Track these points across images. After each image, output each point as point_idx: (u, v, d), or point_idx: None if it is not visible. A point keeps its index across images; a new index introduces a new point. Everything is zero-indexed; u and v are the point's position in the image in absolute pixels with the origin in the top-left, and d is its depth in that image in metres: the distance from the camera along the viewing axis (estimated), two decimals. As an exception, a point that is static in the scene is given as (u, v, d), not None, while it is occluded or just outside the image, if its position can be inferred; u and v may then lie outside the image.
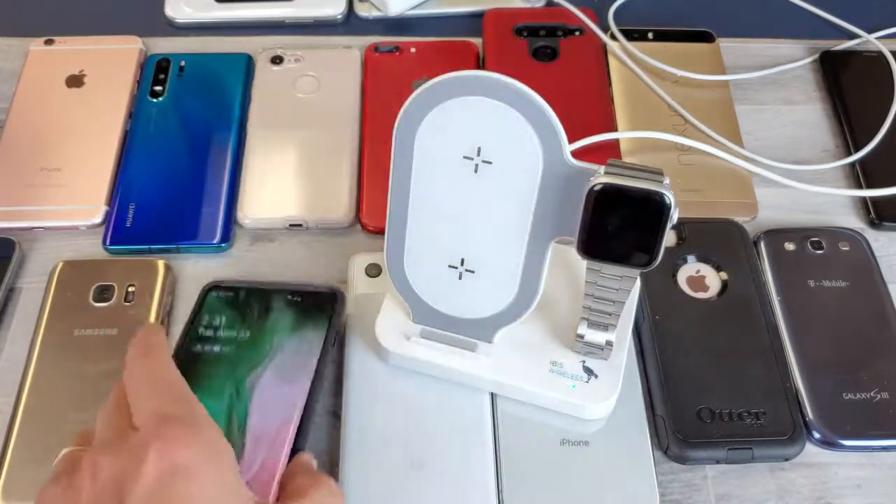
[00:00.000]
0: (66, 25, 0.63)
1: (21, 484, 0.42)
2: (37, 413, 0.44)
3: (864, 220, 0.55)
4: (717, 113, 0.59)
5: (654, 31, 0.64)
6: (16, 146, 0.56)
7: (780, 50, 0.64)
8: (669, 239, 0.51)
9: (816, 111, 0.61)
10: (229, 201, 0.54)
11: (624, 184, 0.36)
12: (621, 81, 0.61)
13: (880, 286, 0.50)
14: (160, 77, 0.60)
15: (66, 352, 0.46)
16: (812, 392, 0.46)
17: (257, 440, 0.43)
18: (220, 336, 0.46)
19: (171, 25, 0.65)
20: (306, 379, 0.44)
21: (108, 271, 0.49)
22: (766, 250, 0.52)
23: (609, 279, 0.40)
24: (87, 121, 0.57)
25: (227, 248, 0.52)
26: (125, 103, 0.58)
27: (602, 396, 0.43)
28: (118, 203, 0.53)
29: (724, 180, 0.56)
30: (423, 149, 0.38)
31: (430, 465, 0.42)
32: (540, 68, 0.61)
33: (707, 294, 0.50)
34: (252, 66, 0.61)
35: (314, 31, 0.65)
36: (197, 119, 0.58)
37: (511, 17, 0.64)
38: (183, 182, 0.54)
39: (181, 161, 0.55)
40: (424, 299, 0.44)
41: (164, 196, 0.54)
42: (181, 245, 0.52)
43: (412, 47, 0.62)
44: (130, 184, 0.54)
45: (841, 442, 0.45)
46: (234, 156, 0.56)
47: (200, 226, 0.52)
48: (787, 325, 0.48)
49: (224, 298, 0.47)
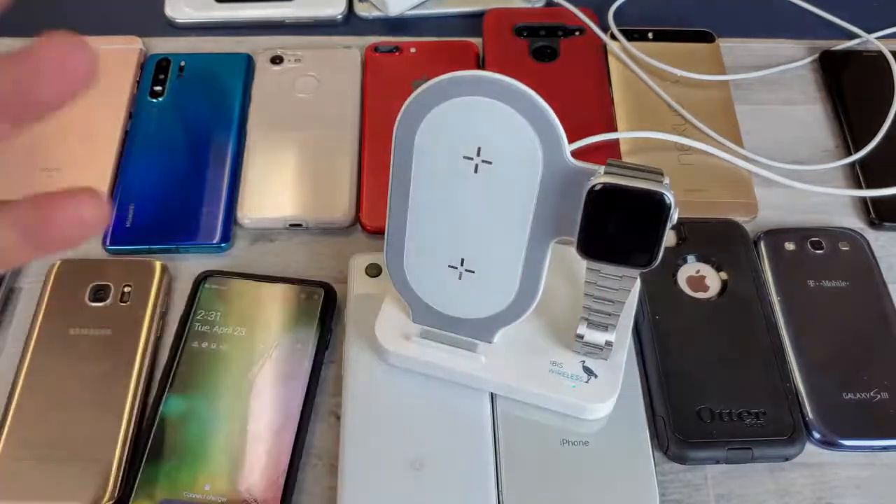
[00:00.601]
0: (65, 25, 0.63)
1: (11, 483, 0.42)
2: (28, 412, 0.44)
3: (864, 220, 0.55)
4: (717, 113, 0.59)
5: (654, 31, 0.64)
6: (14, 146, 0.56)
7: (780, 50, 0.64)
8: (669, 239, 0.51)
9: (816, 111, 0.61)
10: (229, 201, 0.54)
11: (624, 184, 0.36)
12: (621, 81, 0.61)
13: (880, 286, 0.50)
14: (160, 77, 0.60)
15: (61, 351, 0.46)
16: (812, 392, 0.46)
17: (257, 439, 0.43)
18: (217, 332, 0.46)
19: (171, 25, 0.65)
20: (303, 375, 0.45)
21: (104, 271, 0.49)
22: (766, 250, 0.52)
23: (609, 279, 0.40)
24: (86, 121, 0.57)
25: (227, 248, 0.52)
26: (125, 104, 0.58)
27: (602, 396, 0.43)
28: (118, 203, 0.53)
29: (724, 180, 0.56)
30: (423, 149, 0.38)
31: (430, 465, 0.42)
32: (540, 68, 0.61)
33: (707, 294, 0.50)
34: (252, 66, 0.61)
35: (314, 31, 0.65)
36: (197, 119, 0.58)
37: (511, 17, 0.64)
38: (183, 182, 0.54)
39: (181, 161, 0.55)
40: (424, 299, 0.44)
41: (164, 196, 0.54)
42: (181, 245, 0.52)
43: (412, 47, 0.62)
44: (130, 184, 0.54)
45: (841, 442, 0.45)
46: (233, 156, 0.56)
47: (200, 226, 0.52)
48: (787, 325, 0.48)
49: (216, 290, 0.48)
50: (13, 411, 0.44)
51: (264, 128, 0.57)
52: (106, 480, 0.42)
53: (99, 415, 0.44)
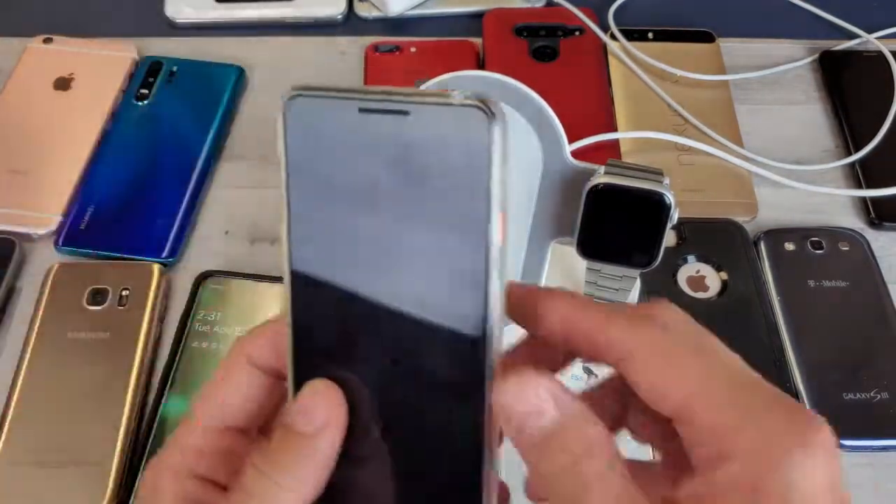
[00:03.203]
0: (65, 24, 0.63)
1: (10, 487, 0.42)
2: (27, 416, 0.44)
3: (864, 220, 0.55)
4: (717, 113, 0.59)
5: (654, 31, 0.64)
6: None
7: (780, 50, 0.64)
8: (669, 239, 0.51)
9: (816, 111, 0.61)
10: (185, 217, 0.53)
11: (624, 184, 0.36)
12: (621, 81, 0.61)
13: (880, 286, 0.50)
14: (149, 80, 0.59)
15: (59, 354, 0.46)
16: (812, 392, 0.46)
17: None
18: (217, 332, 0.46)
19: (171, 26, 0.65)
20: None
21: (102, 275, 0.49)
22: (766, 250, 0.52)
23: (609, 279, 0.40)
24: (64, 126, 0.57)
25: (172, 264, 0.51)
26: (107, 111, 0.58)
27: (602, 396, 0.43)
28: (78, 204, 0.53)
29: (724, 180, 0.56)
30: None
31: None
32: (540, 68, 0.61)
33: (707, 294, 0.50)
34: (243, 79, 0.61)
35: (314, 31, 0.65)
36: (174, 129, 0.57)
37: (511, 17, 0.64)
38: (144, 191, 0.54)
39: (148, 169, 0.55)
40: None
41: (123, 203, 0.53)
42: (127, 255, 0.51)
43: (412, 47, 0.62)
44: (94, 186, 0.54)
45: (841, 442, 0.45)
46: (201, 169, 0.55)
47: (151, 238, 0.52)
48: (787, 325, 0.48)
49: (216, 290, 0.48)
50: (12, 416, 0.44)
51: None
52: (105, 483, 0.42)
53: (98, 418, 0.44)
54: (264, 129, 0.58)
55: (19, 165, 0.55)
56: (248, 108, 0.60)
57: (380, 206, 0.22)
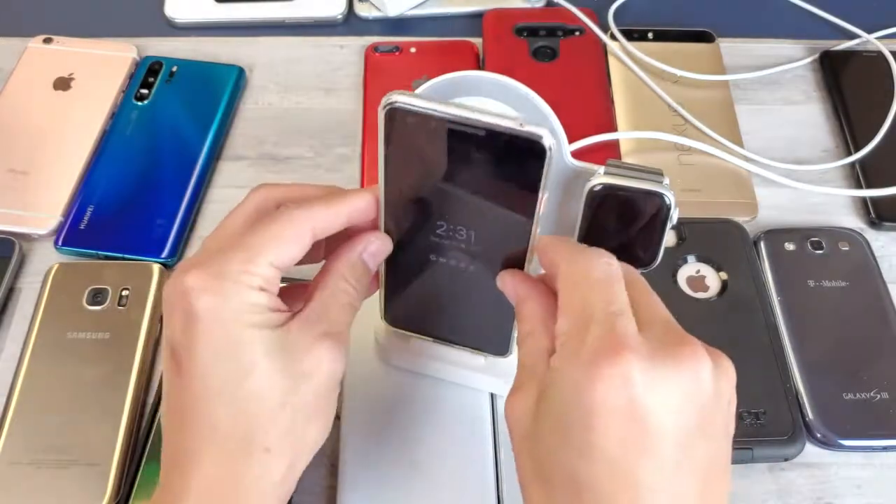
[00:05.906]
0: (65, 24, 0.63)
1: (10, 487, 0.42)
2: (27, 416, 0.44)
3: (864, 220, 0.55)
4: (717, 113, 0.59)
5: (654, 31, 0.64)
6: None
7: (780, 50, 0.64)
8: (669, 239, 0.51)
9: (816, 111, 0.61)
10: (185, 218, 0.53)
11: (624, 184, 0.36)
12: (621, 81, 0.61)
13: (880, 286, 0.50)
14: (149, 80, 0.59)
15: (59, 354, 0.46)
16: (812, 392, 0.46)
17: None
18: None
19: (171, 25, 0.65)
20: None
21: (102, 275, 0.49)
22: (766, 250, 0.52)
23: (609, 279, 0.40)
24: (64, 126, 0.57)
25: (172, 265, 0.51)
26: (106, 111, 0.58)
27: (602, 396, 0.43)
28: (78, 204, 0.53)
29: (724, 180, 0.56)
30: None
31: (429, 464, 0.42)
32: (540, 68, 0.61)
33: (707, 294, 0.50)
34: (243, 79, 0.61)
35: (314, 31, 0.65)
36: (174, 129, 0.57)
37: (511, 17, 0.64)
38: (144, 191, 0.54)
39: (148, 170, 0.55)
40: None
41: (123, 203, 0.53)
42: (128, 255, 0.51)
43: (412, 47, 0.62)
44: (94, 186, 0.54)
45: (841, 442, 0.45)
46: (201, 171, 0.55)
47: (151, 239, 0.52)
48: (787, 325, 0.48)
49: None
50: (11, 416, 0.44)
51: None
52: (105, 483, 0.42)
53: (97, 418, 0.44)
54: (264, 129, 0.58)
55: (19, 165, 0.55)
56: (248, 108, 0.60)
57: (461, 178, 0.33)
